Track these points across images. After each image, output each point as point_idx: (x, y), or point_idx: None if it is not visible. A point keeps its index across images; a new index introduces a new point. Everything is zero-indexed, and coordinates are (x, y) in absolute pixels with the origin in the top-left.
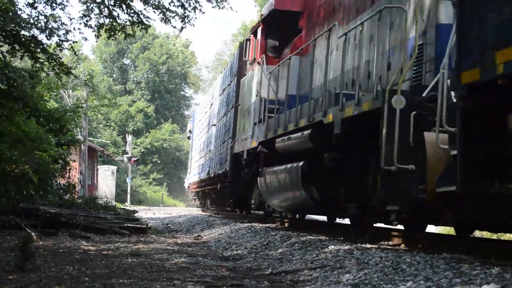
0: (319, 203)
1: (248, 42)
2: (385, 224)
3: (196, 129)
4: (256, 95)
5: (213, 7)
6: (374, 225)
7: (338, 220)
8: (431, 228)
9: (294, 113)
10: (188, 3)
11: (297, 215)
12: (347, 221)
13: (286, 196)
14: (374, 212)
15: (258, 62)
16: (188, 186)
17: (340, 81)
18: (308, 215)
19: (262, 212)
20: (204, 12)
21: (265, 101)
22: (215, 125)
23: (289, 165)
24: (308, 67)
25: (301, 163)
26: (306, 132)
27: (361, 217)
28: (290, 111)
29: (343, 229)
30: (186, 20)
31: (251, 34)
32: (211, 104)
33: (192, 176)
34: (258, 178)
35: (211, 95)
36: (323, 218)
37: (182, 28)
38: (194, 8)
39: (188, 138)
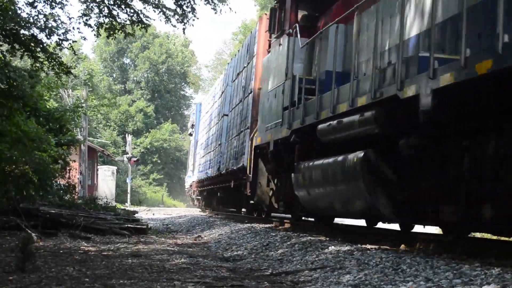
0: (389, 205)
1: (274, 12)
2: (489, 233)
3: (201, 123)
4: (287, 74)
5: (212, 8)
6: (373, 226)
7: (380, 225)
8: (430, 229)
9: (348, 90)
10: (186, 5)
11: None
12: (392, 226)
13: (337, 198)
14: (484, 218)
15: (288, 34)
16: (191, 185)
17: (428, 40)
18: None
19: (290, 215)
20: (198, 18)
21: (300, 80)
22: (227, 115)
23: (340, 157)
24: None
25: (361, 154)
26: (369, 113)
27: (459, 225)
28: (339, 88)
29: (344, 230)
30: (186, 20)
31: (276, 2)
32: (222, 93)
33: (197, 173)
34: (293, 174)
35: (222, 83)
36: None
37: (183, 29)
38: (193, 10)
39: (190, 134)
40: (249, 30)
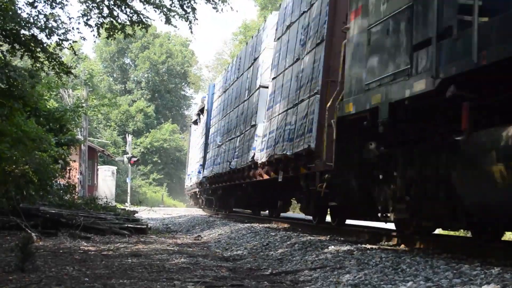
0: None
1: None
2: None
3: (217, 105)
4: None
5: (213, 7)
6: (372, 225)
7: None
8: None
9: None
10: (186, 5)
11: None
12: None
13: None
14: None
15: None
16: (201, 182)
17: None
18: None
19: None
20: (197, 19)
21: None
22: (265, 86)
23: None
24: None
25: None
26: None
27: None
28: None
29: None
30: (190, 20)
31: None
32: (254, 60)
33: (211, 167)
34: (453, 156)
35: (253, 50)
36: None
37: (190, 28)
38: (193, 10)
39: (195, 123)
40: (250, 30)
